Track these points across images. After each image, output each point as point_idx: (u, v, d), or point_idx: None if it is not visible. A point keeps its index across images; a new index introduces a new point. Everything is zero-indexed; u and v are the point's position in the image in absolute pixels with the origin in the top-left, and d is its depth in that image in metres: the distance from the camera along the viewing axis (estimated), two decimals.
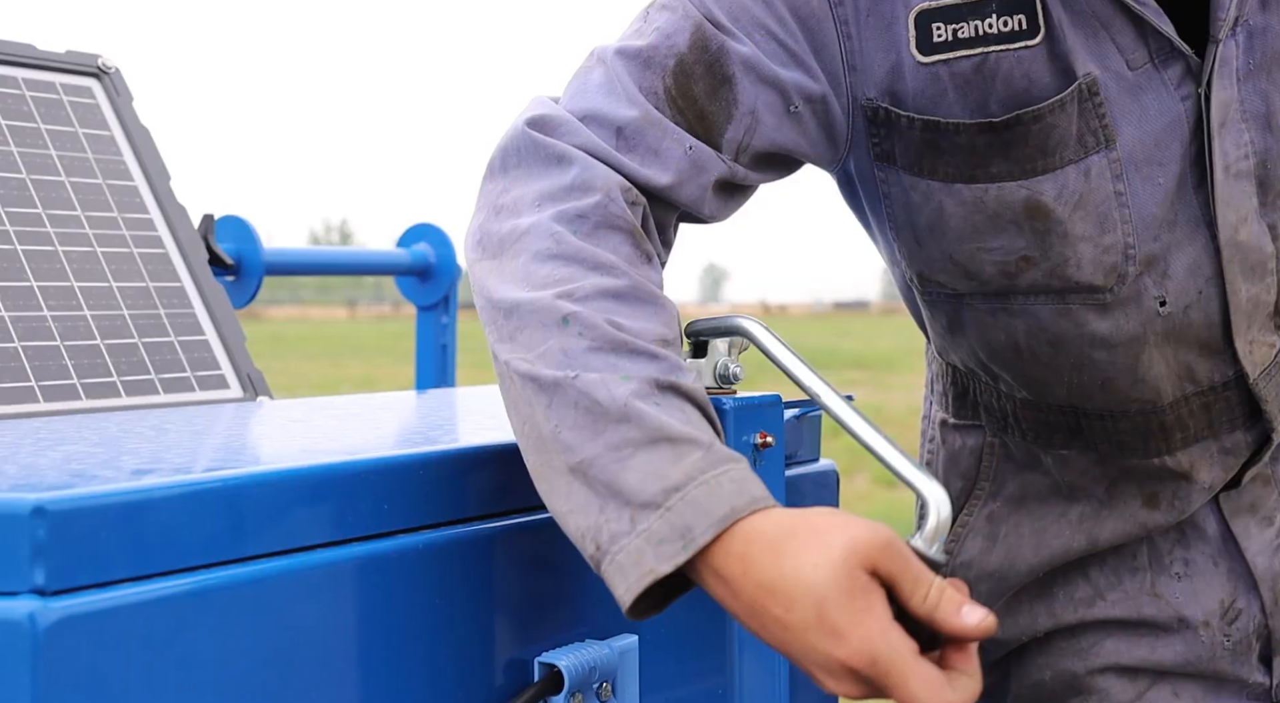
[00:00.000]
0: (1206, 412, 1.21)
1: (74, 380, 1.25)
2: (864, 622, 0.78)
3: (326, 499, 0.83)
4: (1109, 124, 1.09)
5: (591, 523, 0.85)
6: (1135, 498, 1.24)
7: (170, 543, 0.74)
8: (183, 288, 1.39)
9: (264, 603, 0.78)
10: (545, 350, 0.88)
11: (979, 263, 1.14)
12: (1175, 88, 1.10)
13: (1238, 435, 1.23)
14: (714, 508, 0.82)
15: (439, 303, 2.01)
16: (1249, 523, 1.25)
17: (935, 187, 1.12)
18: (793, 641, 0.80)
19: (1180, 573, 1.25)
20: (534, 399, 0.88)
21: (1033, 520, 1.29)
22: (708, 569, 0.82)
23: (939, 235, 1.14)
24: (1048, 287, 1.14)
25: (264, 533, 0.79)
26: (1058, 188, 1.10)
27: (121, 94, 1.48)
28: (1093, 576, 1.27)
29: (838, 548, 0.79)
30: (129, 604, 0.71)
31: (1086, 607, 1.27)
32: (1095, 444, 1.23)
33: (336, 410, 1.18)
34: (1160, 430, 1.20)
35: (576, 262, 0.93)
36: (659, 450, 0.84)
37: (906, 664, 0.78)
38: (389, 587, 0.85)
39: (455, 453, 0.91)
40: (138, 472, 0.78)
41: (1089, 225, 1.11)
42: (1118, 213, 1.11)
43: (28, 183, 1.33)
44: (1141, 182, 1.11)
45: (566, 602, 0.98)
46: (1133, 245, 1.12)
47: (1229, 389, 1.21)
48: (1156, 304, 1.14)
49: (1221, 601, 1.25)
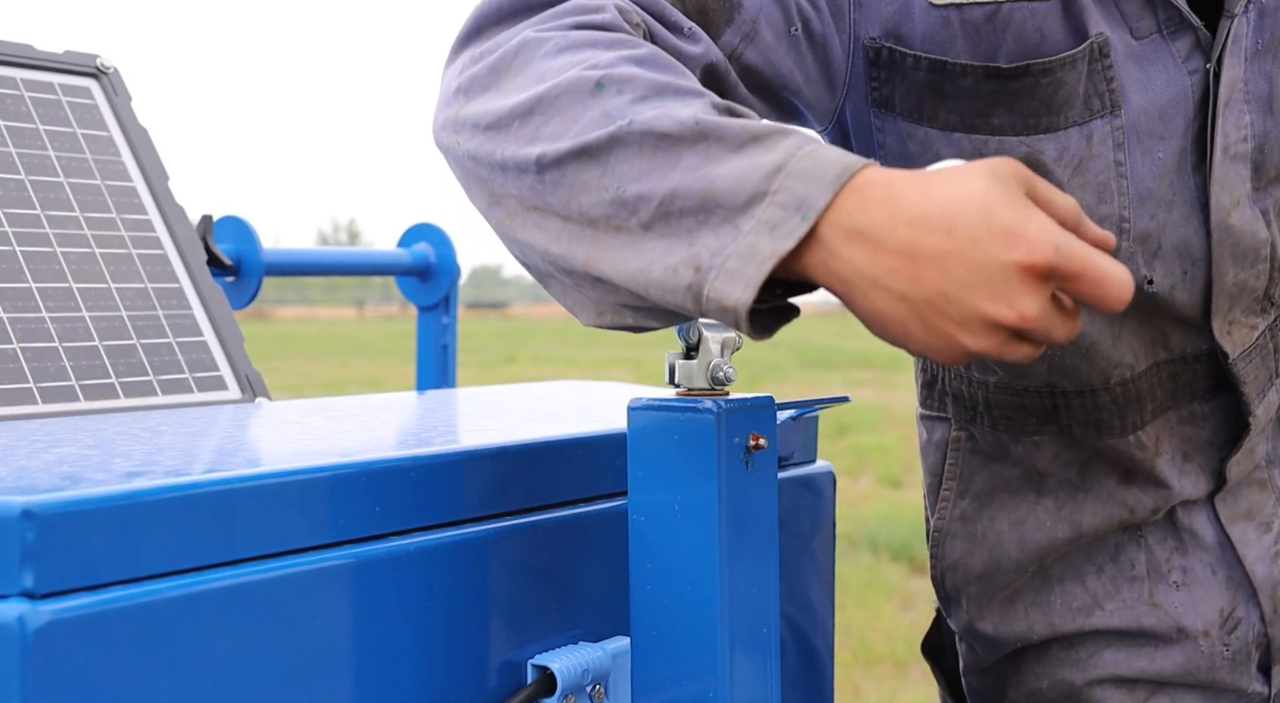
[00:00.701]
0: (1174, 381, 1.20)
1: (72, 382, 1.25)
2: (1035, 217, 0.74)
3: (317, 502, 0.83)
4: (1116, 89, 1.08)
5: (684, 254, 0.77)
6: (1110, 476, 1.23)
7: (160, 546, 0.74)
8: (181, 289, 1.39)
9: (255, 606, 0.78)
10: (585, 121, 0.80)
11: None
12: (1183, 61, 1.09)
13: (1195, 406, 1.22)
14: (825, 171, 0.76)
15: (439, 303, 2.01)
16: (1247, 529, 1.24)
17: (934, 135, 1.09)
18: (957, 270, 0.74)
19: (1179, 582, 1.24)
20: (579, 178, 0.80)
21: (1008, 514, 1.27)
22: (840, 235, 0.75)
23: None
24: None
25: (255, 536, 0.79)
26: (1059, 149, 1.08)
27: (120, 94, 1.48)
28: (1090, 584, 1.26)
29: (981, 167, 0.76)
30: (119, 608, 0.71)
31: (1085, 616, 1.26)
32: (1071, 427, 1.22)
33: (333, 412, 1.18)
34: (1135, 402, 1.19)
35: (591, 45, 0.85)
36: (747, 151, 0.77)
37: (1088, 248, 0.75)
38: (381, 590, 0.86)
39: (447, 455, 0.91)
40: (129, 474, 0.79)
41: (1087, 194, 1.09)
42: (1116, 184, 1.10)
43: (26, 184, 1.33)
44: (1142, 154, 1.10)
45: (560, 604, 0.98)
46: (1128, 219, 1.11)
47: (1199, 361, 1.20)
48: (1144, 282, 1.13)
49: (1221, 610, 1.24)
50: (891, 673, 4.33)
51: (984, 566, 1.28)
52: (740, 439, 0.91)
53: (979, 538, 1.28)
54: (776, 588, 0.95)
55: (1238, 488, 1.25)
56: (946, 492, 1.30)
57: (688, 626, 0.91)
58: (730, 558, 0.90)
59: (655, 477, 0.91)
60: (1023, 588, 1.28)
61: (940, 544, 1.31)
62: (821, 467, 1.26)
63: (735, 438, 0.91)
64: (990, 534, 1.28)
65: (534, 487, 0.97)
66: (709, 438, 0.89)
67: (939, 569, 1.32)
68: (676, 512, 0.91)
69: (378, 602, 0.86)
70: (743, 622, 0.91)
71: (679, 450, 0.90)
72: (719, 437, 0.89)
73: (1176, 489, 1.22)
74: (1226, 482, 1.23)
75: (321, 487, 0.83)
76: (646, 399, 0.92)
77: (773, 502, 0.94)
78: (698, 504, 0.90)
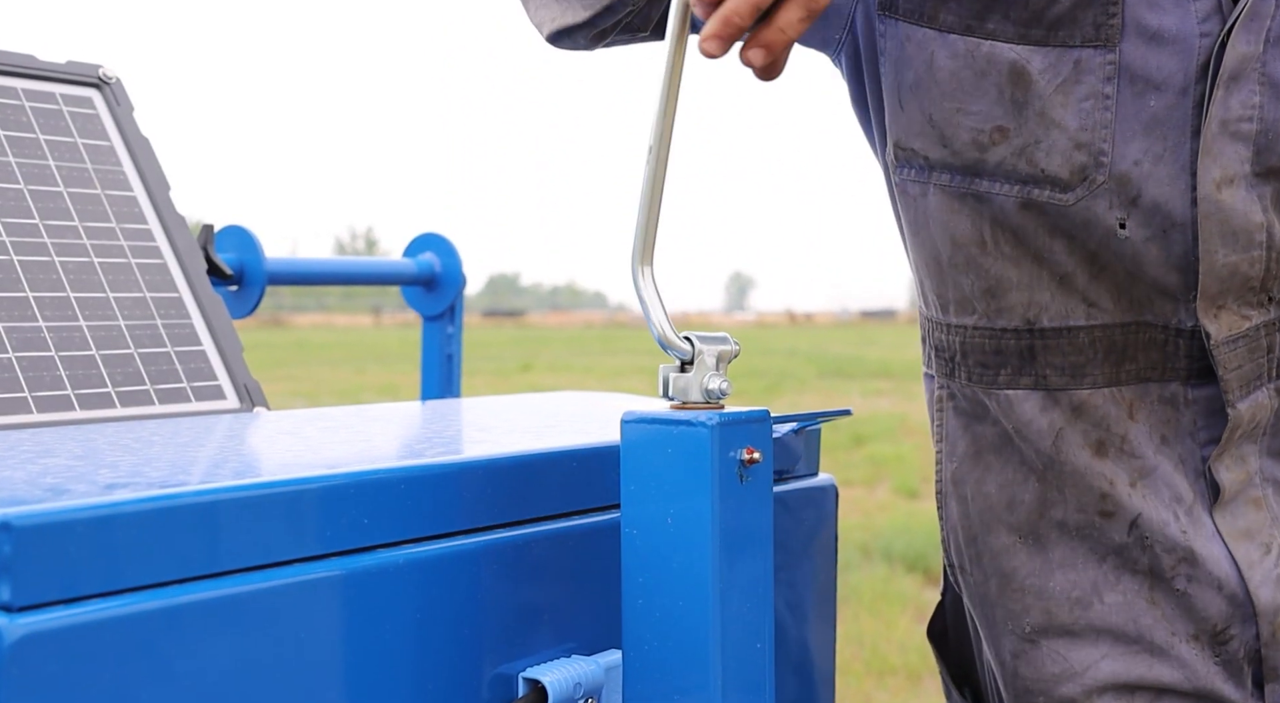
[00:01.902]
0: (1157, 349, 1.19)
1: (68, 391, 1.24)
2: None
3: (304, 514, 0.82)
4: (1116, 25, 1.10)
5: None
6: (1084, 448, 1.22)
7: (142, 558, 0.73)
8: (180, 298, 1.39)
9: (239, 619, 0.77)
10: None
11: (955, 126, 1.15)
12: (1199, 21, 1.10)
13: (1174, 388, 1.20)
14: None
15: (445, 313, 2.01)
16: (1249, 549, 1.22)
17: (931, 36, 1.15)
18: None
19: (1182, 589, 1.22)
20: None
21: (994, 476, 1.27)
22: None
23: (923, 92, 1.16)
24: (1014, 170, 1.15)
25: (239, 548, 0.78)
26: (1045, 63, 1.11)
27: (122, 104, 1.48)
28: (1091, 572, 1.24)
29: None
30: (98, 620, 0.71)
31: (1083, 609, 1.24)
32: (1047, 375, 1.21)
33: (329, 422, 1.18)
34: (1110, 353, 1.19)
35: None
36: None
37: None
38: (369, 603, 0.85)
39: (438, 467, 0.90)
40: (111, 486, 0.78)
41: (1068, 115, 1.12)
42: (1100, 115, 1.12)
43: (25, 193, 1.33)
44: (1133, 96, 1.11)
45: (553, 617, 0.97)
46: (1105, 154, 1.12)
47: (1182, 337, 1.19)
48: (1116, 224, 1.14)
49: (1215, 624, 1.22)
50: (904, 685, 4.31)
51: (978, 527, 1.28)
52: (735, 453, 0.90)
53: (970, 499, 1.29)
54: (771, 603, 0.94)
55: (1234, 505, 1.23)
56: (939, 453, 1.32)
57: (680, 640, 0.90)
58: (723, 573, 0.89)
59: (648, 490, 0.90)
60: (1020, 567, 1.26)
61: (942, 506, 1.33)
62: (824, 480, 1.24)
63: (729, 452, 0.89)
64: (979, 497, 1.28)
65: (527, 499, 0.96)
66: (703, 452, 0.88)
67: (945, 532, 1.33)
68: (669, 526, 0.89)
69: (366, 615, 0.85)
70: (736, 637, 0.90)
71: (672, 464, 0.89)
72: (713, 451, 0.88)
73: (1152, 462, 1.21)
74: (1221, 490, 1.21)
75: (308, 498, 0.82)
76: (639, 412, 0.91)
77: (767, 516, 0.93)
78: (691, 518, 0.89)
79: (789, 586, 1.18)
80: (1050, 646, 1.26)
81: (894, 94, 1.19)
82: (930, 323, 1.30)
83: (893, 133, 1.21)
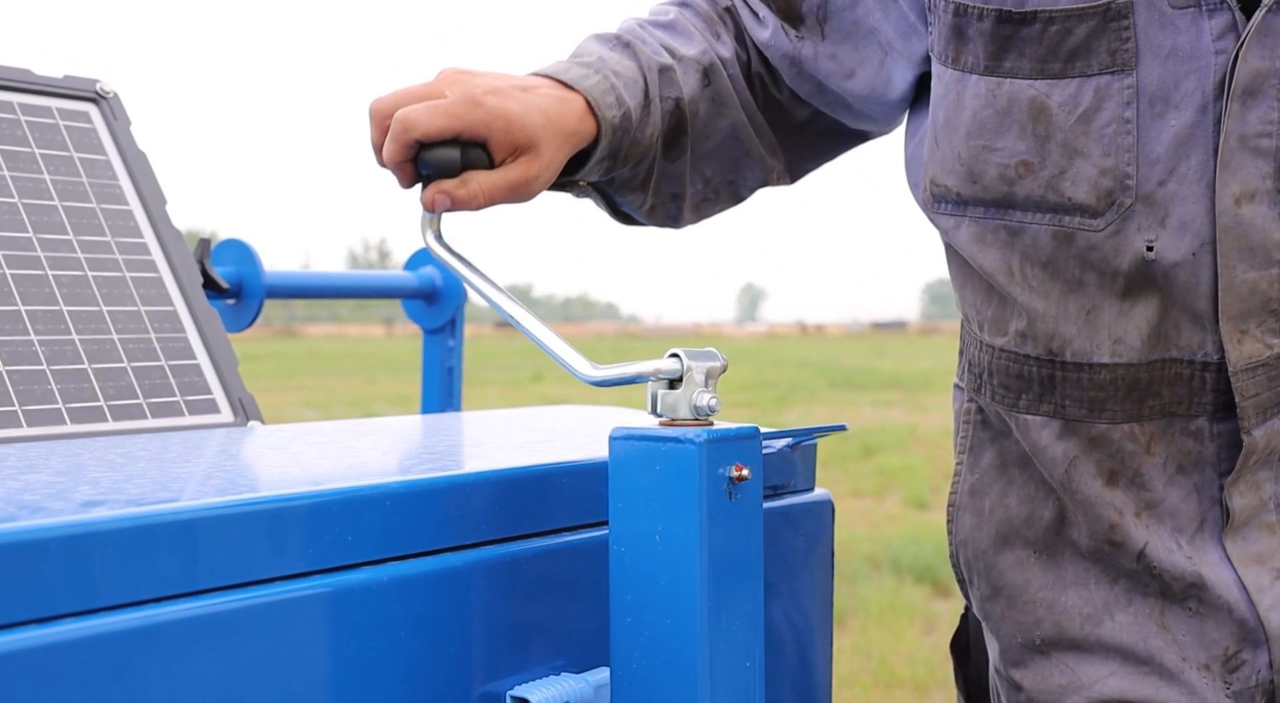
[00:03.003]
0: (1183, 384, 1.18)
1: (59, 405, 1.24)
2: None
3: (285, 531, 0.81)
4: (1130, 50, 1.11)
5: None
6: (1095, 478, 1.22)
7: (117, 576, 0.72)
8: (175, 312, 1.38)
9: (218, 639, 0.76)
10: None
11: (983, 164, 1.17)
12: (1215, 39, 1.10)
13: (1200, 423, 1.19)
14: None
15: (445, 326, 2.00)
16: (1260, 575, 1.21)
17: (955, 77, 1.18)
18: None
19: (1193, 609, 1.21)
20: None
21: (1016, 490, 1.27)
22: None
23: (952, 131, 1.18)
24: (1043, 201, 1.15)
25: (218, 566, 0.77)
26: (1065, 96, 1.13)
27: (119, 119, 1.47)
28: (1103, 591, 1.23)
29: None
30: (73, 640, 0.70)
31: (1094, 625, 1.23)
32: (1064, 406, 1.21)
33: (321, 437, 1.17)
34: (1133, 391, 1.18)
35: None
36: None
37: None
38: (353, 621, 0.84)
39: (423, 483, 0.90)
40: (88, 503, 0.77)
41: (1090, 143, 1.13)
42: (1122, 140, 1.12)
43: (19, 207, 1.32)
44: (1153, 118, 1.11)
45: (540, 634, 0.96)
46: (1130, 177, 1.12)
47: (1209, 371, 1.18)
48: (1144, 247, 1.14)
49: (1227, 649, 1.20)
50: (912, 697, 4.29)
51: (991, 541, 1.28)
52: (723, 470, 0.89)
53: (987, 512, 1.29)
54: (761, 622, 0.92)
55: (1246, 530, 1.21)
56: (959, 464, 1.32)
57: (669, 659, 0.88)
58: (712, 591, 0.88)
59: (636, 507, 0.89)
60: (1034, 580, 1.25)
61: (953, 518, 1.32)
62: (819, 495, 1.23)
63: (718, 469, 0.88)
64: (999, 509, 1.28)
65: (514, 515, 0.95)
66: (691, 469, 0.87)
67: (954, 545, 1.32)
68: (658, 543, 0.88)
69: (351, 634, 0.84)
70: (725, 656, 0.89)
71: (660, 481, 0.88)
72: (701, 468, 0.87)
73: (1160, 495, 1.20)
74: (1231, 515, 1.20)
75: (290, 515, 0.81)
76: (628, 429, 0.90)
77: (757, 534, 0.92)
78: (679, 536, 0.88)
79: (785, 601, 1.17)
80: (1060, 658, 1.25)
81: (931, 131, 1.22)
82: (968, 336, 1.31)
83: (930, 169, 1.23)
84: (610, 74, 1.20)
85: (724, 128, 1.30)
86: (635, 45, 1.24)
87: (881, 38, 1.26)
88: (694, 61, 1.26)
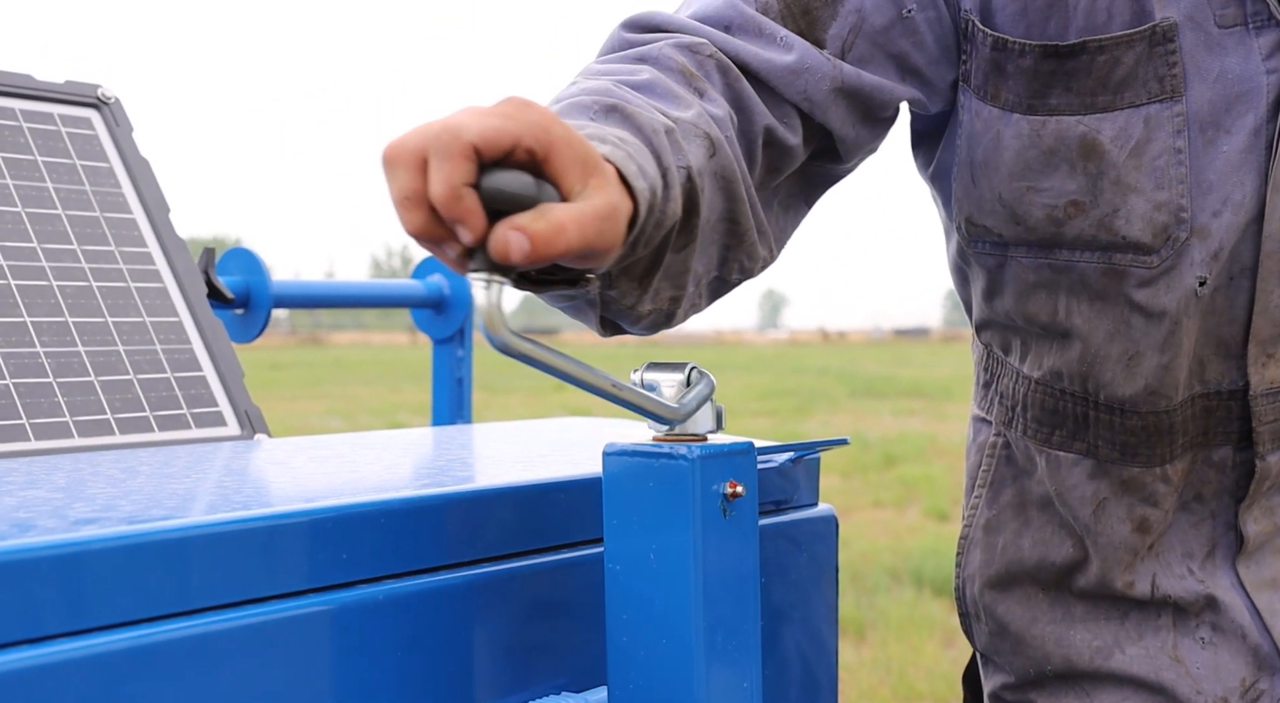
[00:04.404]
0: (1207, 417, 1.16)
1: (66, 418, 1.24)
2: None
3: (279, 549, 0.81)
4: (1179, 75, 1.07)
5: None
6: (1124, 523, 1.20)
7: (109, 596, 0.72)
8: (180, 323, 1.38)
9: (211, 660, 0.76)
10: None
11: (1028, 205, 1.12)
12: (1265, 58, 1.07)
13: (1225, 451, 1.18)
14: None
15: (454, 336, 1.99)
16: (1273, 600, 1.19)
17: (995, 115, 1.11)
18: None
19: (1206, 639, 1.19)
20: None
21: (1032, 532, 1.25)
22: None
23: (992, 171, 1.12)
24: (1094, 240, 1.11)
25: (211, 585, 0.77)
26: (1115, 130, 1.08)
27: (121, 125, 1.47)
28: (1113, 627, 1.22)
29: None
30: (63, 661, 0.70)
31: (1103, 658, 1.22)
32: (1097, 446, 1.19)
33: (325, 451, 1.17)
34: (1167, 434, 1.16)
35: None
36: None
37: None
38: (349, 641, 0.83)
39: (420, 500, 0.89)
40: (81, 521, 0.77)
41: (1143, 177, 1.08)
42: (1174, 171, 1.08)
43: (23, 216, 1.33)
44: (1204, 145, 1.08)
45: (539, 653, 0.95)
46: (1185, 209, 1.08)
47: (1233, 399, 1.16)
48: (1197, 283, 1.10)
49: (1244, 679, 1.19)
50: None
51: (1000, 579, 1.26)
52: (717, 487, 0.88)
53: (999, 550, 1.27)
54: (758, 642, 0.92)
55: (1260, 554, 1.20)
56: (976, 498, 1.30)
57: (665, 679, 0.88)
58: (707, 610, 0.87)
59: (630, 524, 0.89)
60: (1041, 616, 1.24)
61: (964, 552, 1.30)
62: (823, 510, 1.22)
63: (712, 485, 0.88)
64: (1011, 549, 1.26)
65: (511, 532, 0.94)
66: (684, 485, 0.87)
67: (960, 579, 1.30)
68: (651, 561, 0.88)
69: (346, 653, 0.83)
70: (722, 676, 0.88)
71: (653, 498, 0.88)
72: (694, 484, 0.87)
73: (1170, 520, 1.19)
74: (1246, 541, 1.18)
75: (284, 533, 0.81)
76: (621, 444, 0.90)
77: (753, 551, 0.91)
78: (673, 554, 0.87)
79: (788, 620, 1.16)
80: (1075, 681, 1.23)
81: (966, 168, 1.15)
82: (1000, 365, 1.26)
83: (964, 208, 1.17)
84: (615, 140, 0.87)
85: (720, 209, 1.00)
86: (623, 108, 0.92)
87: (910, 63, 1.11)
88: (691, 126, 0.95)
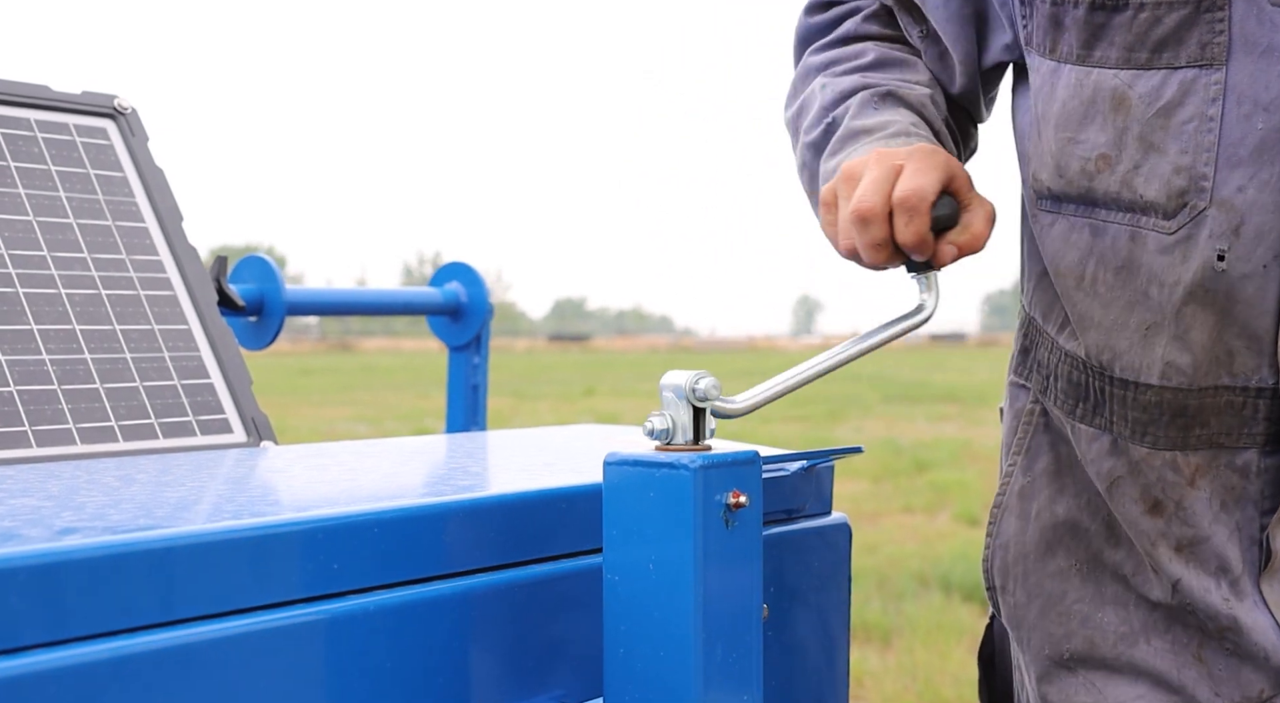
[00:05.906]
0: (1234, 413, 1.13)
1: (69, 425, 1.23)
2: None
3: (268, 559, 0.80)
4: (1223, 44, 1.07)
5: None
6: (1136, 503, 1.18)
7: (90, 606, 0.71)
8: (189, 331, 1.37)
9: (194, 671, 0.75)
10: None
11: (1068, 156, 1.15)
12: None
13: (1249, 455, 1.15)
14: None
15: (470, 343, 1.98)
16: None
17: (1050, 67, 1.17)
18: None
19: (1231, 648, 1.17)
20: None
21: (1067, 499, 1.24)
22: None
23: (1046, 123, 1.17)
24: (1118, 198, 1.13)
25: (195, 595, 0.76)
26: (1148, 87, 1.10)
27: (137, 135, 1.47)
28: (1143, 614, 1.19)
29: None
30: (42, 671, 0.69)
31: (1128, 645, 1.20)
32: (1113, 423, 1.17)
33: (327, 459, 1.15)
34: (1179, 416, 1.14)
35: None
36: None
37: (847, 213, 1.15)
38: (339, 652, 0.82)
39: (413, 510, 0.88)
40: (65, 530, 0.76)
41: (1168, 138, 1.09)
42: (1203, 138, 1.08)
43: (34, 225, 1.32)
44: (1239, 118, 1.07)
45: (538, 664, 0.94)
46: (1207, 178, 1.08)
47: (1263, 399, 1.13)
48: (1215, 256, 1.09)
49: (1261, 691, 1.16)
50: None
51: (1034, 546, 1.25)
52: (720, 497, 0.86)
53: (1033, 517, 1.26)
54: (759, 654, 0.90)
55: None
56: (1011, 465, 1.29)
57: (662, 693, 0.86)
58: (707, 623, 0.86)
59: (630, 535, 0.87)
60: (1072, 591, 1.22)
61: (996, 521, 1.29)
62: (836, 519, 1.20)
63: (715, 496, 0.86)
64: (1046, 514, 1.26)
65: (508, 541, 0.93)
66: (685, 496, 0.85)
67: (991, 549, 1.29)
68: (651, 572, 0.86)
69: (336, 665, 0.82)
70: (720, 689, 0.87)
71: (655, 508, 0.86)
72: (695, 495, 0.85)
73: (1205, 532, 1.15)
74: (1272, 557, 1.15)
75: (272, 543, 0.80)
76: (622, 454, 0.88)
77: (756, 564, 0.89)
78: (673, 565, 0.85)
79: (798, 630, 1.14)
80: (1087, 676, 1.21)
81: (1035, 124, 1.20)
82: (1040, 335, 1.28)
83: (1032, 164, 1.21)
84: (914, 129, 1.22)
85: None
86: (896, 92, 1.26)
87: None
88: (931, 82, 1.29)
